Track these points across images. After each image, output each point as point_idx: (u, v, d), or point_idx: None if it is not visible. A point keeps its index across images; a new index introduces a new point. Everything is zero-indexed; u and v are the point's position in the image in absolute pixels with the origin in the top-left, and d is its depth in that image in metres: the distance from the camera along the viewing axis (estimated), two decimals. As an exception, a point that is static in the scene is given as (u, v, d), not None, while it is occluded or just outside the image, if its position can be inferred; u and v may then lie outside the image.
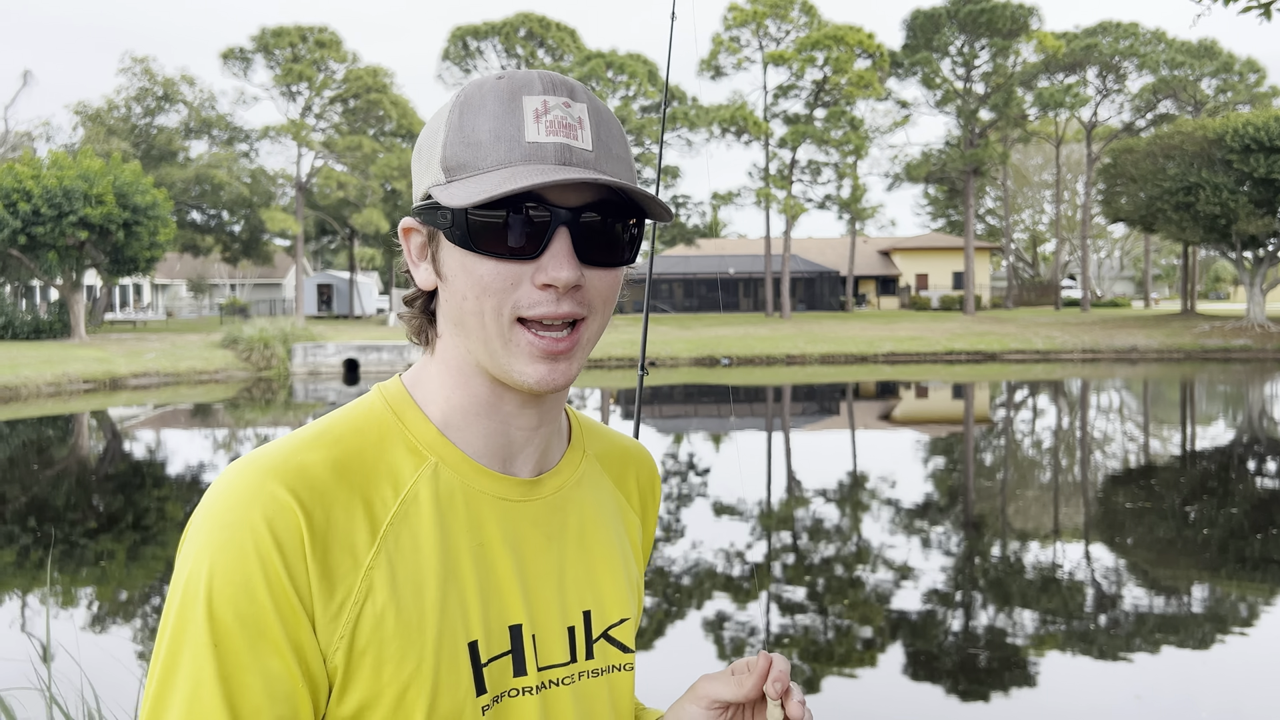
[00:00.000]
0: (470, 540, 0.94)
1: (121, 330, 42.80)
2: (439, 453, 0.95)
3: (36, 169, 33.19)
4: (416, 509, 0.92)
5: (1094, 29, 50.11)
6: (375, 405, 0.97)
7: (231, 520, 0.84)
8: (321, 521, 0.86)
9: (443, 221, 0.90)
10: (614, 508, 1.11)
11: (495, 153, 0.88)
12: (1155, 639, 6.34)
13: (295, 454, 0.89)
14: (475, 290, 0.90)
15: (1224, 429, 17.78)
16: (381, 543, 0.89)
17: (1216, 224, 38.26)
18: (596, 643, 1.02)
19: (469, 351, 0.94)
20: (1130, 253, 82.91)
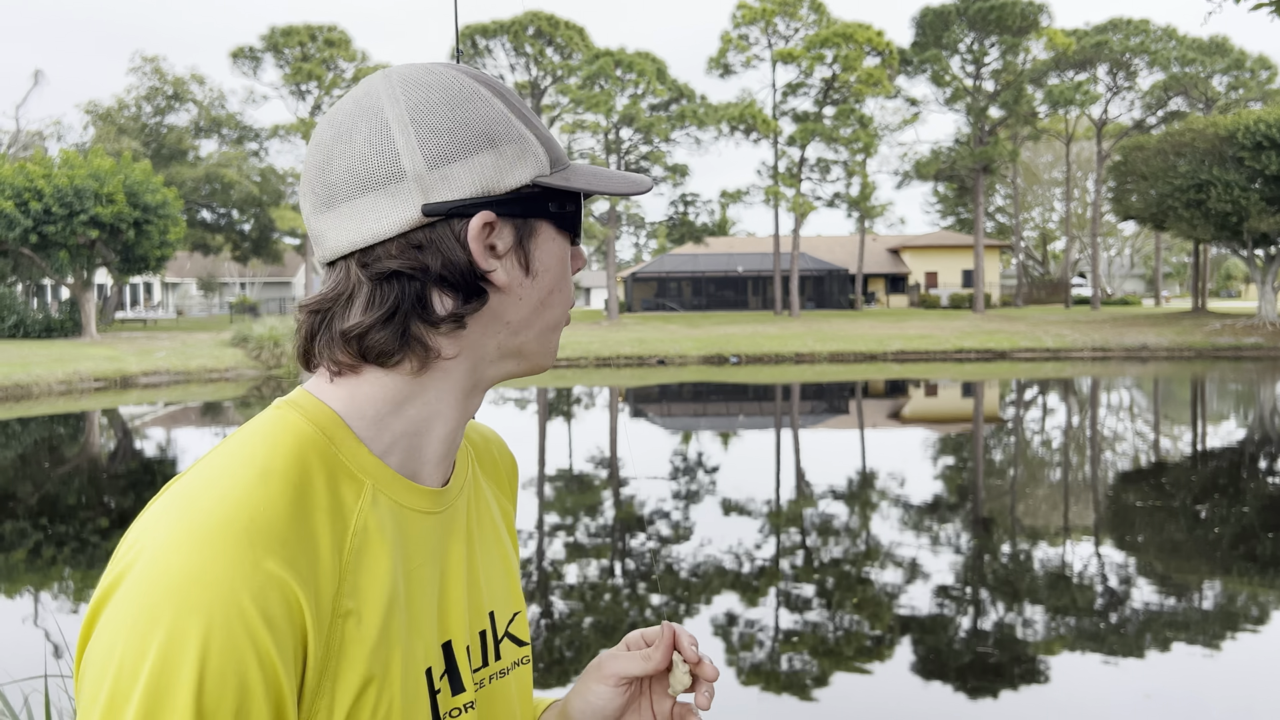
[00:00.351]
0: (406, 564, 0.88)
1: (132, 329, 42.97)
2: (373, 475, 0.87)
3: (48, 168, 33.33)
4: (365, 540, 0.83)
5: (1104, 26, 49.96)
6: (295, 424, 0.85)
7: (214, 605, 0.71)
8: (312, 587, 0.77)
9: (554, 210, 0.91)
10: (494, 501, 1.08)
11: (561, 149, 0.94)
12: (1165, 638, 6.33)
13: (256, 506, 0.76)
14: (566, 278, 0.94)
15: (1235, 427, 17.71)
16: (342, 583, 0.80)
17: (1228, 221, 38.10)
18: (502, 641, 1.01)
19: (497, 350, 0.91)
20: (1141, 250, 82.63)
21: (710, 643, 6.33)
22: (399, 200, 0.84)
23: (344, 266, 0.86)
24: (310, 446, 0.83)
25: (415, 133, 0.85)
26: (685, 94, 47.55)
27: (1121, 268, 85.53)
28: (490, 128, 0.87)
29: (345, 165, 0.85)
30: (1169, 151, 39.42)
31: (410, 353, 0.86)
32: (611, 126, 45.63)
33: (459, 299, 0.86)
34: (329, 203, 0.86)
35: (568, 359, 33.28)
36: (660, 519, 10.02)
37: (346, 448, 0.86)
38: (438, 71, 0.89)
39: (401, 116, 0.85)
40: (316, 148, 0.88)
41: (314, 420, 0.86)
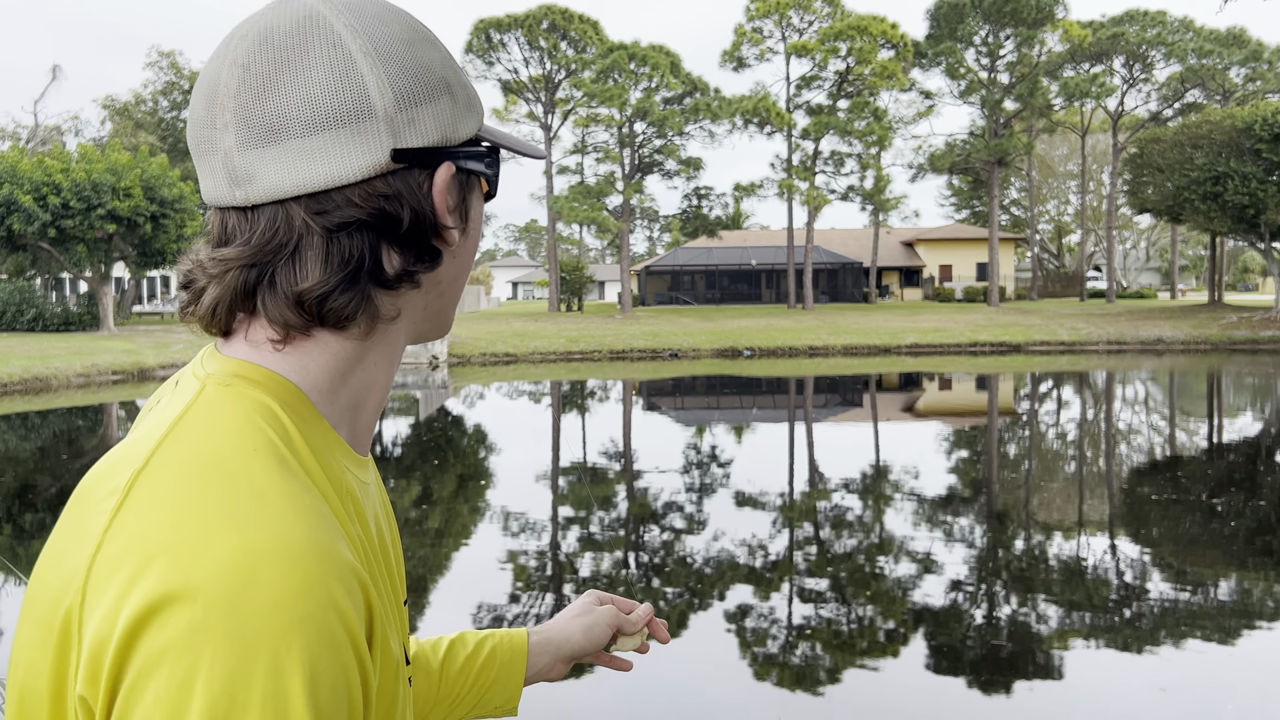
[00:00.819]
0: (380, 537, 0.83)
1: (149, 322, 43.23)
2: (336, 452, 0.79)
3: (65, 162, 33.54)
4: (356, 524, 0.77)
5: (1120, 18, 49.69)
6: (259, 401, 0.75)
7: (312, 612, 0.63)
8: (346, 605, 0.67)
9: (489, 169, 0.85)
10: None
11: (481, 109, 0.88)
12: (1181, 632, 6.33)
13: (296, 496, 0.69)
14: (477, 240, 0.88)
15: (1251, 420, 17.63)
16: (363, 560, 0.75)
17: (1245, 214, 37.87)
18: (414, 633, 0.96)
19: (424, 312, 0.85)
20: (1156, 243, 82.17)
21: (724, 634, 6.37)
22: (367, 141, 0.75)
23: (281, 212, 0.75)
24: (287, 424, 0.75)
25: (384, 67, 0.76)
26: (699, 87, 47.48)
27: (1137, 261, 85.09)
28: (445, 72, 0.81)
29: (299, 95, 0.73)
30: (1185, 144, 39.19)
31: (362, 315, 0.77)
32: (625, 120, 45.62)
33: (410, 256, 0.78)
34: (269, 137, 0.73)
35: (581, 352, 33.33)
36: (674, 512, 10.05)
37: (315, 425, 0.78)
38: (382, 4, 0.80)
39: (366, 48, 0.75)
40: (245, 71, 0.74)
41: (279, 397, 0.76)
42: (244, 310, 0.77)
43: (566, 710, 5.22)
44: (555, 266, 50.91)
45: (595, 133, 47.80)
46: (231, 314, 0.78)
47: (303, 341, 0.78)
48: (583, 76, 46.01)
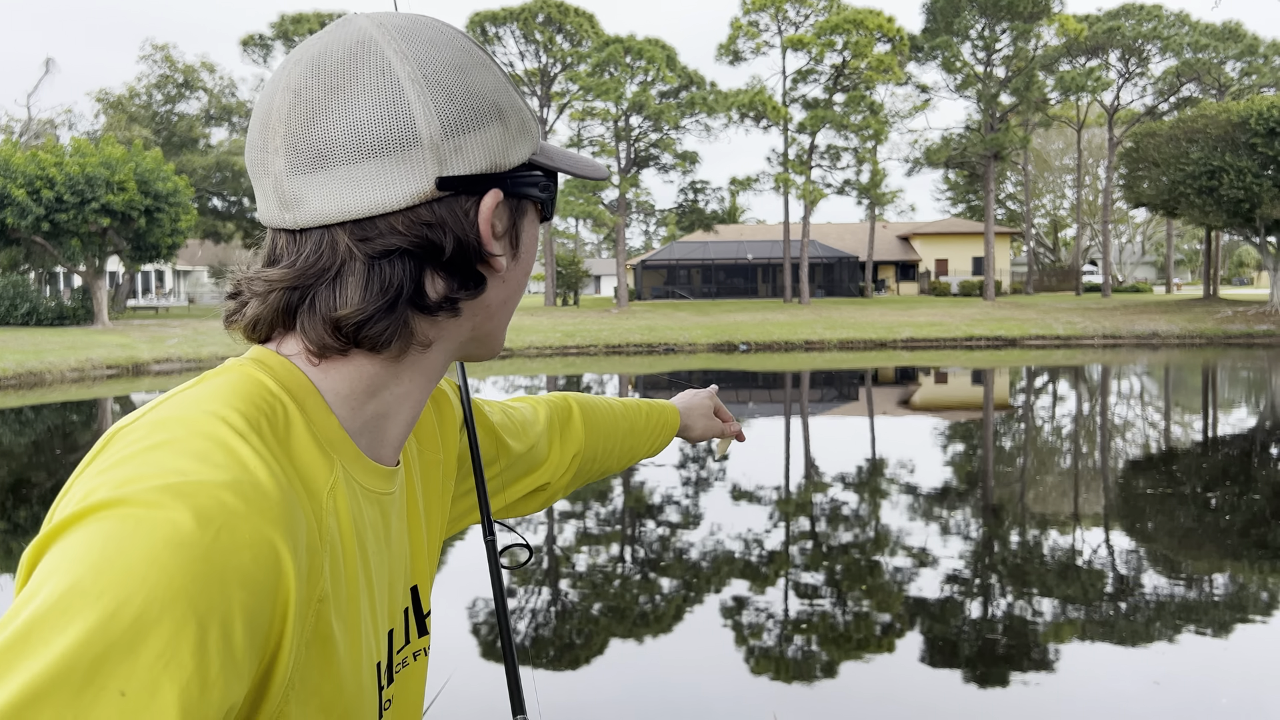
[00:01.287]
0: (365, 550, 0.80)
1: (144, 316, 43.14)
2: (341, 452, 0.79)
3: (59, 156, 33.46)
4: (336, 523, 0.76)
5: (1116, 12, 49.68)
6: (260, 379, 0.76)
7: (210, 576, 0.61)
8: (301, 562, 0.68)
9: (543, 194, 0.86)
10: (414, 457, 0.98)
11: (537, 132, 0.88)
12: (1175, 625, 6.34)
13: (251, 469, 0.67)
14: (531, 263, 0.89)
15: (1246, 414, 17.66)
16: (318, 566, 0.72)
17: (1240, 208, 37.91)
18: (427, 617, 0.95)
19: (470, 334, 0.86)
20: (1152, 238, 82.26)
21: (720, 629, 6.37)
22: (412, 169, 0.76)
23: (327, 237, 0.76)
24: (282, 408, 0.75)
25: (431, 95, 0.76)
26: (695, 81, 47.44)
27: (1133, 255, 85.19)
28: (497, 97, 0.81)
29: (346, 122, 0.74)
30: (1181, 138, 39.22)
31: (398, 340, 0.79)
32: (621, 114, 45.56)
33: (454, 283, 0.79)
34: (319, 163, 0.75)
35: (578, 346, 33.32)
36: (670, 506, 10.05)
37: (319, 419, 0.78)
38: (437, 28, 0.82)
39: (415, 75, 0.76)
40: (297, 97, 0.76)
41: (286, 383, 0.77)
42: (284, 327, 0.79)
43: (566, 703, 5.22)
44: (551, 261, 50.87)
45: (591, 126, 47.75)
46: (271, 329, 0.79)
47: (337, 359, 0.79)
48: (579, 70, 45.93)
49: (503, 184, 0.81)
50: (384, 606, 0.85)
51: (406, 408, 0.84)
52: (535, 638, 6.25)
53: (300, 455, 0.74)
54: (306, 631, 0.70)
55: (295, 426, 0.75)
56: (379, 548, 0.84)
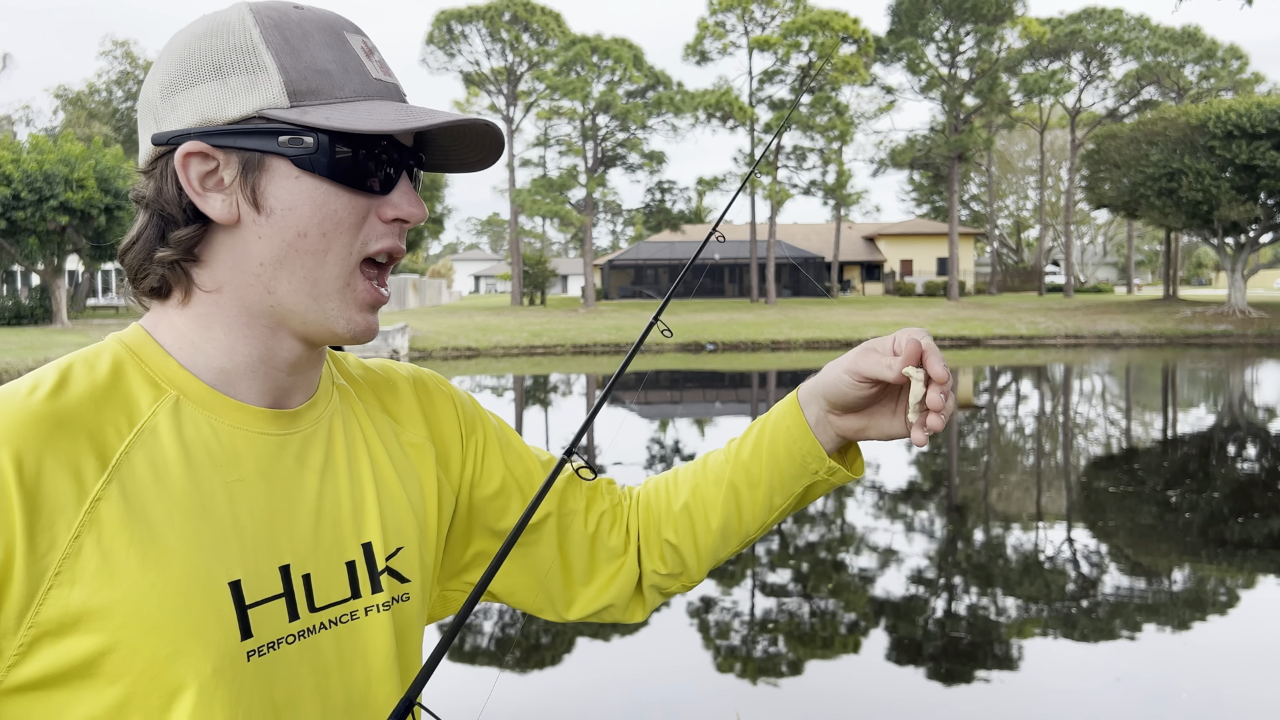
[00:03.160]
0: (223, 476, 0.87)
1: (104, 315, 42.55)
2: (180, 386, 0.88)
3: (16, 153, 32.88)
4: (155, 440, 0.84)
5: (1078, 15, 50.25)
6: (108, 344, 0.90)
7: None
8: (33, 471, 0.77)
9: (291, 148, 0.85)
10: (386, 433, 1.05)
11: (349, 84, 0.88)
12: (1135, 622, 6.41)
13: (6, 399, 0.81)
14: (325, 225, 0.87)
15: (1205, 414, 17.91)
16: (114, 472, 0.81)
17: (1199, 210, 38.46)
18: (382, 575, 0.97)
19: (268, 295, 0.88)
20: (1113, 239, 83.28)
21: (686, 629, 6.36)
22: (145, 131, 0.89)
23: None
24: (105, 356, 0.88)
25: (160, 62, 0.88)
26: (662, 81, 47.46)
27: (1094, 255, 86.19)
28: (222, 58, 0.85)
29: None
30: (1141, 140, 39.73)
31: (174, 282, 0.89)
32: (588, 113, 45.49)
33: (173, 231, 0.87)
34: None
35: (544, 346, 33.23)
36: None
37: (153, 360, 0.89)
38: (238, 3, 0.89)
39: (163, 50, 0.89)
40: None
41: (123, 337, 0.91)
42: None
43: (525, 708, 5.20)
44: (518, 260, 50.71)
45: (558, 125, 47.62)
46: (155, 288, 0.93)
47: (159, 305, 0.92)
48: (545, 69, 45.81)
49: (209, 137, 0.85)
50: (264, 541, 0.88)
51: (241, 354, 0.90)
52: (500, 639, 6.22)
53: (117, 388, 0.85)
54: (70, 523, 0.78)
55: (121, 369, 0.87)
56: (256, 479, 0.89)
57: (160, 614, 0.79)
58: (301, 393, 0.96)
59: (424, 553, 1.05)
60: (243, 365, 0.91)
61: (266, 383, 0.92)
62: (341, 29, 0.90)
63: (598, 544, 1.21)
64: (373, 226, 0.90)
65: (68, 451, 0.79)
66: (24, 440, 0.78)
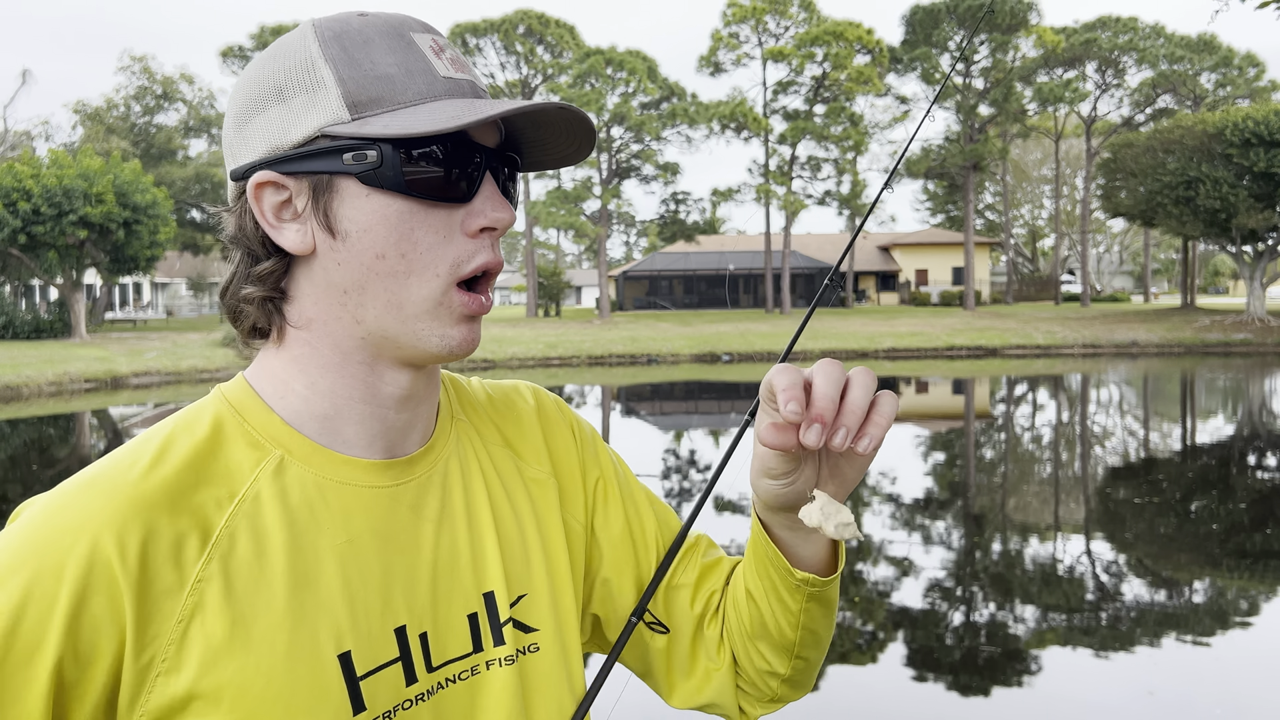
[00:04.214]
0: (332, 539, 0.82)
1: (122, 329, 42.82)
2: (284, 444, 0.83)
3: (36, 168, 33.19)
4: (258, 509, 0.80)
5: (1093, 24, 50.14)
6: (210, 400, 0.86)
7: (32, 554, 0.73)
8: (136, 549, 0.74)
9: (356, 165, 0.79)
10: (507, 469, 1.00)
11: (413, 86, 0.80)
12: (1157, 634, 6.35)
13: (109, 479, 0.76)
14: (403, 245, 0.81)
15: (1225, 423, 17.78)
16: (214, 548, 0.77)
17: (1216, 218, 38.24)
18: (505, 626, 0.92)
19: (357, 325, 0.83)
20: (1129, 247, 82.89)
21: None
22: (227, 167, 0.87)
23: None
24: (207, 418, 0.84)
25: (234, 93, 0.85)
26: (676, 92, 47.56)
27: (1110, 264, 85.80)
28: (283, 79, 0.80)
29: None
30: (1158, 149, 39.55)
31: (268, 321, 0.86)
32: (602, 125, 45.60)
33: (257, 264, 0.85)
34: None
35: (560, 357, 33.26)
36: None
37: (254, 416, 0.84)
38: (303, 22, 0.84)
39: (240, 76, 0.85)
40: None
41: (228, 395, 0.86)
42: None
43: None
44: (533, 272, 50.81)
45: (572, 138, 47.66)
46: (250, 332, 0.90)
47: (260, 348, 0.88)
48: (559, 81, 45.98)
49: (274, 165, 0.81)
50: (377, 604, 0.83)
51: (343, 398, 0.85)
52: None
53: (218, 454, 0.81)
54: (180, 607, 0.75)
55: (221, 431, 0.83)
56: (369, 537, 0.84)
57: (267, 694, 0.76)
58: (418, 434, 0.91)
59: (557, 597, 0.98)
60: (345, 408, 0.86)
61: (375, 424, 0.87)
62: (408, 29, 0.83)
63: (700, 631, 1.09)
64: (461, 245, 0.83)
65: (169, 532, 0.76)
66: (126, 524, 0.74)
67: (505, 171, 0.87)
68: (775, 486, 0.92)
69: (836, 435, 0.81)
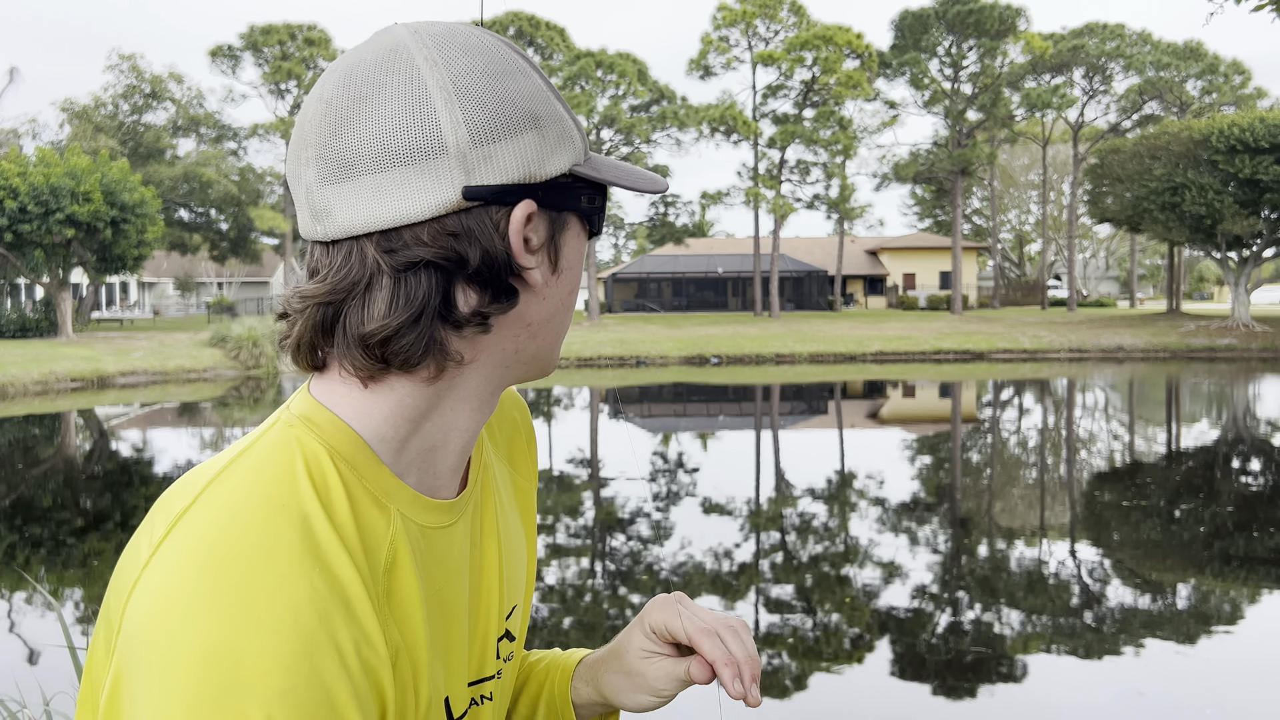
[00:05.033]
0: (431, 586, 0.80)
1: (109, 328, 42.62)
2: (397, 500, 0.78)
3: (23, 166, 33.03)
4: (396, 573, 0.76)
5: (1081, 30, 50.38)
6: (320, 457, 0.75)
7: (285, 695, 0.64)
8: (375, 632, 0.72)
9: (586, 205, 0.81)
10: (508, 484, 0.99)
11: (580, 143, 0.83)
12: (1141, 636, 6.39)
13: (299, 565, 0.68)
14: (577, 279, 0.84)
15: (1210, 427, 17.89)
16: (385, 624, 0.74)
17: (1202, 224, 38.49)
18: (501, 640, 0.92)
19: (516, 354, 0.81)
20: (1115, 253, 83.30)
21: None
22: (438, 178, 0.73)
23: (355, 249, 0.74)
24: (330, 476, 0.74)
25: (460, 103, 0.74)
26: (666, 95, 47.60)
27: (1097, 270, 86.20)
28: (534, 105, 0.77)
29: (372, 131, 0.73)
30: (1144, 155, 39.78)
31: (430, 358, 0.76)
32: (592, 127, 45.62)
33: (486, 297, 0.76)
34: (345, 173, 0.73)
35: (548, 360, 33.29)
36: (641, 519, 10.03)
37: (371, 474, 0.77)
38: (474, 35, 0.78)
39: (444, 82, 0.74)
40: (328, 106, 0.75)
41: (332, 444, 0.76)
42: (325, 347, 0.77)
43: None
44: (521, 273, 50.71)
45: (562, 140, 47.68)
46: (314, 350, 0.78)
47: (374, 384, 0.77)
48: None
49: (536, 195, 0.77)
50: (464, 635, 0.85)
51: (455, 436, 0.82)
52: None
53: (353, 520, 0.74)
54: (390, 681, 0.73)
55: (339, 497, 0.74)
56: (451, 580, 0.83)
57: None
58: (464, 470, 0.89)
59: (526, 608, 0.99)
60: (458, 447, 0.83)
61: (459, 464, 0.85)
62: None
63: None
64: None
65: (360, 606, 0.71)
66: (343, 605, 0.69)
67: None
68: (655, 703, 1.02)
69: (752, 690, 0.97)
